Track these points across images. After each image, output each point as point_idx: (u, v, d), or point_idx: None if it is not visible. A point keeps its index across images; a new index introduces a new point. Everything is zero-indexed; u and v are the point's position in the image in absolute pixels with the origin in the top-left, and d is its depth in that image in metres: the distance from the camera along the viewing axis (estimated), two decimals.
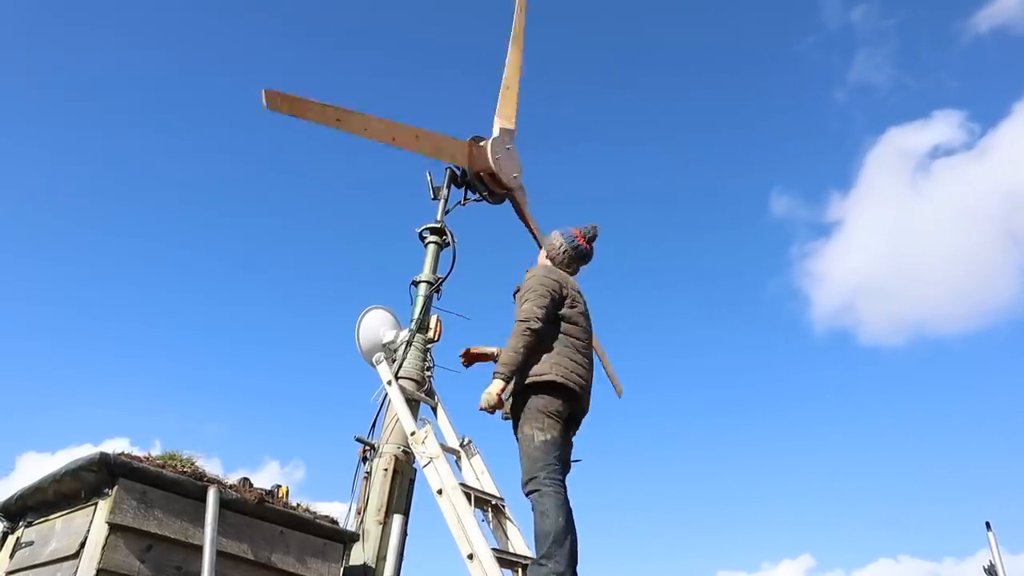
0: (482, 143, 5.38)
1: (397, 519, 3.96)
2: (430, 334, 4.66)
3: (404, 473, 4.18)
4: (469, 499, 3.67)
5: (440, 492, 3.63)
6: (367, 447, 4.28)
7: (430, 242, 4.97)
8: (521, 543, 3.85)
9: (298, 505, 3.40)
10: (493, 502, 4.01)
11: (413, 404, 4.30)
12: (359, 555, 3.82)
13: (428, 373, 4.55)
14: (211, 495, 2.89)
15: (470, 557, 3.34)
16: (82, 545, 2.67)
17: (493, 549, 3.42)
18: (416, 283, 4.81)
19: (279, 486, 3.44)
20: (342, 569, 3.48)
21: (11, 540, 3.25)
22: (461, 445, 4.33)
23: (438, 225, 4.99)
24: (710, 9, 28.95)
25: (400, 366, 4.43)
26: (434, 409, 4.51)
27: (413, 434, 3.94)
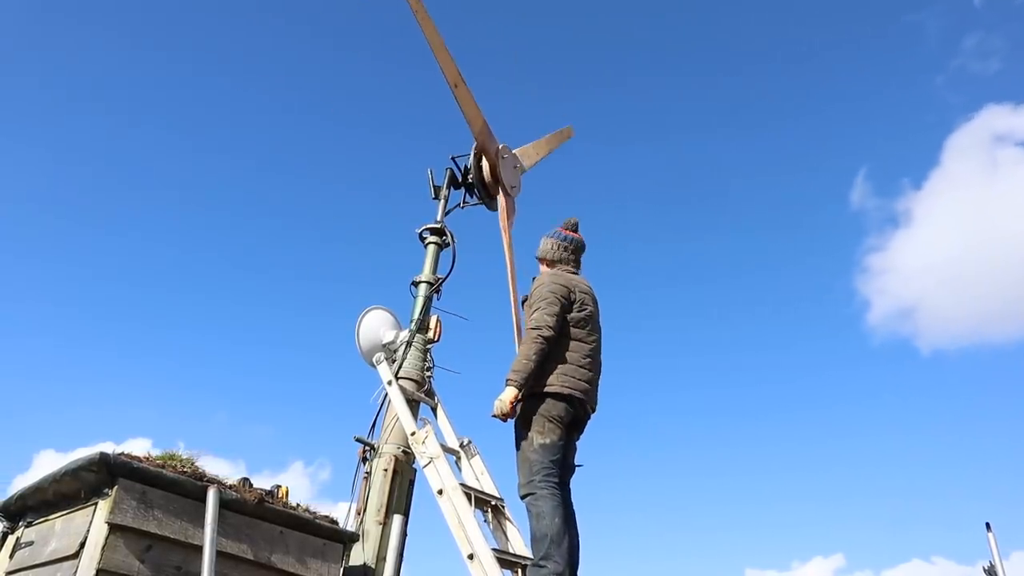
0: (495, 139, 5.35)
1: (397, 519, 3.96)
2: (430, 334, 4.65)
3: (404, 473, 4.18)
4: (469, 499, 3.67)
5: (440, 492, 3.63)
6: (367, 447, 4.28)
7: (430, 242, 4.96)
8: (521, 544, 3.85)
9: (298, 505, 3.40)
10: (493, 503, 4.01)
11: (413, 404, 4.30)
12: (359, 555, 3.82)
13: (428, 373, 4.55)
14: (211, 495, 2.89)
15: (470, 557, 3.34)
16: (82, 545, 2.67)
17: (493, 549, 3.42)
18: (416, 283, 4.81)
19: (279, 486, 3.44)
20: (342, 569, 3.48)
21: (11, 540, 3.24)
22: (461, 446, 4.33)
23: (438, 225, 4.99)
24: None
25: (400, 366, 4.43)
26: (434, 409, 4.51)
27: (413, 434, 3.94)
